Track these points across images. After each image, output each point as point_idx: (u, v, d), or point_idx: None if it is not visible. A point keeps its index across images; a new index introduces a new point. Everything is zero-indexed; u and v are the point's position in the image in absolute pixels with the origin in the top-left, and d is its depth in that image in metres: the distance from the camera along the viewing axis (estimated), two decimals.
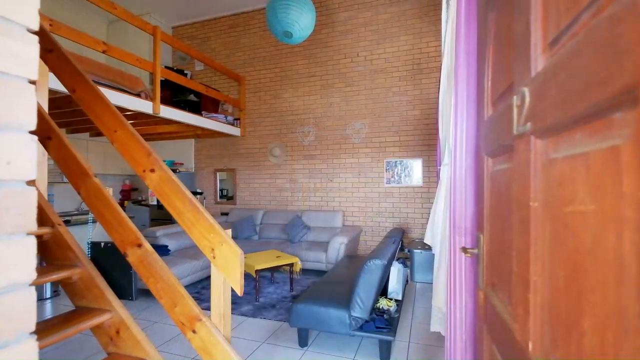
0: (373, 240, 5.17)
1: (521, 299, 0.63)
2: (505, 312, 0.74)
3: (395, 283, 3.10)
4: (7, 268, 0.54)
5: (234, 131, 5.81)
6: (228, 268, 1.32)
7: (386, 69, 5.10)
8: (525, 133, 0.60)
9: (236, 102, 5.84)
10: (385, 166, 5.08)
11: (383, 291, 3.10)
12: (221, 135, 5.86)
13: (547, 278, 0.54)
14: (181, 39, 6.42)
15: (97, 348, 2.18)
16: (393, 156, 5.06)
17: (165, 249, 4.13)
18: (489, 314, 0.85)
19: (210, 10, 6.06)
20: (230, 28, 6.14)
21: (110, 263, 1.68)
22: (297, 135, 5.61)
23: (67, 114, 3.95)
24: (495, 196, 0.84)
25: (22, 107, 0.56)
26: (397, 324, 2.60)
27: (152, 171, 1.49)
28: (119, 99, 3.67)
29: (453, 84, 1.20)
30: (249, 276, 4.28)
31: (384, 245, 2.90)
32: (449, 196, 1.21)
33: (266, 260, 3.70)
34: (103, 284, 1.61)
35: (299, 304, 2.55)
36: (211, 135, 5.96)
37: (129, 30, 5.90)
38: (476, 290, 1.00)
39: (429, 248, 4.08)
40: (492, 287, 0.85)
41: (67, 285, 1.67)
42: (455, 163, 1.09)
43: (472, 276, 1.06)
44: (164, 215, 5.40)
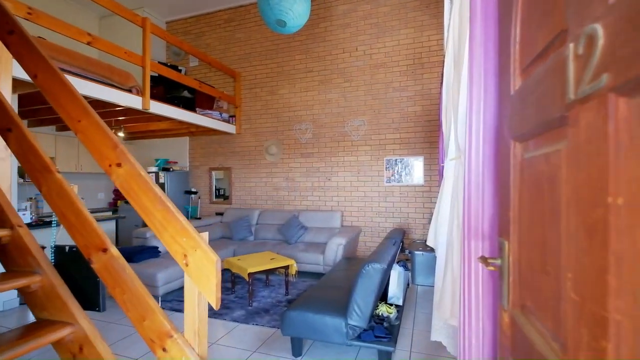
0: (372, 241, 4.98)
1: (588, 345, 0.44)
2: (548, 351, 0.54)
3: (395, 288, 2.91)
4: None
5: (229, 128, 5.63)
6: (202, 278, 1.13)
7: (386, 64, 4.90)
8: (595, 93, 0.41)
9: (231, 99, 5.66)
10: (385, 164, 4.89)
11: (383, 296, 2.91)
12: (216, 132, 5.68)
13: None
14: (175, 35, 6.24)
15: None
16: (393, 154, 4.87)
17: (155, 251, 3.95)
18: (519, 346, 0.65)
19: (205, 4, 5.88)
20: (225, 22, 5.95)
21: (76, 269, 1.51)
22: (294, 132, 5.42)
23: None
24: (528, 191, 0.64)
25: None
26: (398, 333, 2.42)
27: (119, 165, 1.30)
28: (108, 94, 3.51)
29: (465, 61, 1.01)
30: (243, 280, 4.10)
31: (384, 247, 2.72)
32: (462, 193, 1.01)
33: (260, 262, 3.51)
34: (66, 294, 1.43)
35: (292, 311, 2.36)
36: (206, 132, 5.78)
37: (121, 26, 5.72)
38: (498, 309, 0.80)
39: (431, 250, 3.90)
40: (523, 311, 0.65)
41: (27, 294, 1.48)
42: (470, 154, 0.90)
43: (492, 291, 0.87)
44: None
